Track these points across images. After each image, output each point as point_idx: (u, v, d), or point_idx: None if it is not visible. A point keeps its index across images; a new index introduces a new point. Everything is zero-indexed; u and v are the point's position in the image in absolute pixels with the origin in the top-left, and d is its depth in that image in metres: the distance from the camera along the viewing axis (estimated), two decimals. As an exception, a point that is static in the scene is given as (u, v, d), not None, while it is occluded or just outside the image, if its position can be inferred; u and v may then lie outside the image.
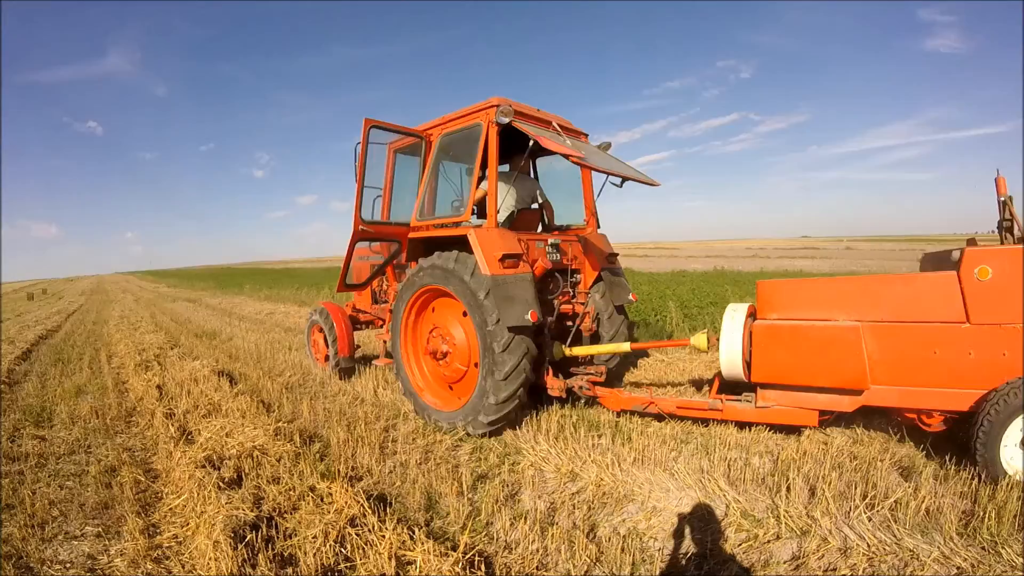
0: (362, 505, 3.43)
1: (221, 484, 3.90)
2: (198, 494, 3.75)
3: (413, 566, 2.88)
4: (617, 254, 6.46)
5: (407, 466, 4.42)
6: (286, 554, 3.12)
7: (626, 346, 5.56)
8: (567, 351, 5.60)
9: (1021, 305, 3.77)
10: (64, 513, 3.88)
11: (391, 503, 3.83)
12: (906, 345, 4.11)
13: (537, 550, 3.20)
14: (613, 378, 6.37)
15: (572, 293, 6.07)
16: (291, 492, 3.75)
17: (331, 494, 3.61)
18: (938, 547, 3.02)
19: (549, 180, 6.92)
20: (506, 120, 5.14)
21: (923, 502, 3.42)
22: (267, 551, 3.06)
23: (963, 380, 3.94)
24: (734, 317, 4.72)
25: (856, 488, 3.62)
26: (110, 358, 10.10)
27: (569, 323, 5.98)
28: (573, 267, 5.98)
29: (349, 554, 3.04)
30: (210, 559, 3.00)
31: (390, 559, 2.91)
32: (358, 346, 7.83)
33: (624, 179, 5.77)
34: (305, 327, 8.59)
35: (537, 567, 3.07)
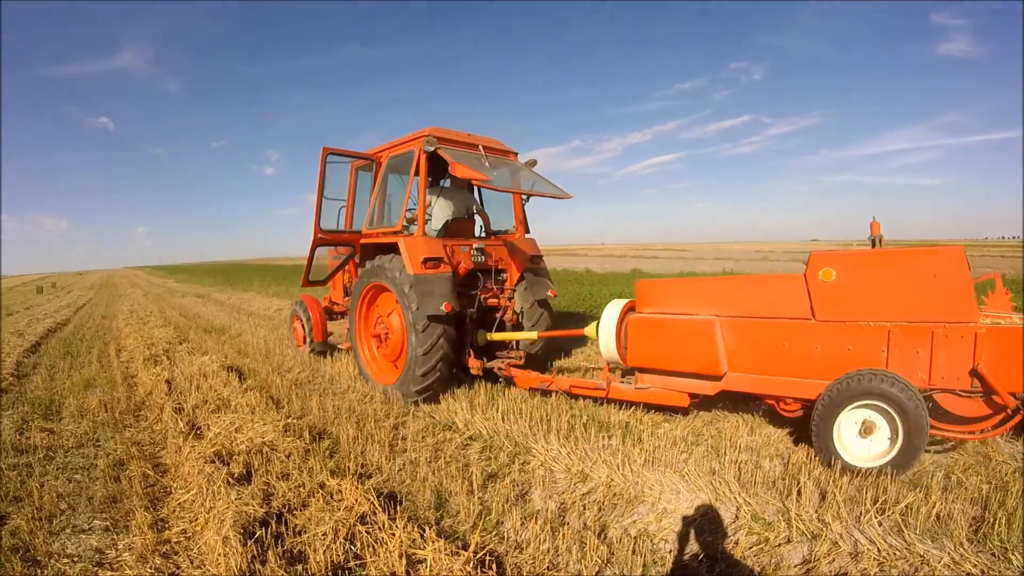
0: (372, 503, 3.41)
1: (230, 480, 3.88)
2: (207, 489, 3.74)
3: (423, 565, 2.85)
4: (541, 256, 7.44)
5: (417, 464, 4.41)
6: (295, 551, 3.10)
7: (533, 334, 6.58)
8: (489, 337, 6.72)
9: (862, 304, 4.25)
10: (72, 506, 3.88)
11: (401, 501, 3.81)
12: (759, 338, 4.65)
13: (548, 550, 3.18)
14: (539, 363, 7.32)
15: (500, 289, 7.04)
16: (301, 489, 3.74)
17: (341, 491, 3.59)
18: (948, 553, 3.00)
19: (493, 194, 7.80)
20: (431, 149, 6.16)
21: (933, 507, 3.40)
22: (276, 548, 3.05)
23: (810, 371, 4.42)
24: (612, 311, 5.50)
25: (867, 492, 3.60)
26: (119, 352, 10.13)
27: (497, 314, 6.99)
28: (499, 267, 6.96)
29: (359, 552, 3.03)
30: (219, 555, 2.99)
31: (400, 557, 2.89)
32: (330, 333, 9.03)
33: (529, 195, 7.00)
34: (288, 316, 10.03)
35: (548, 567, 3.05)
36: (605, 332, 5.42)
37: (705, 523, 3.44)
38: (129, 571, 3.06)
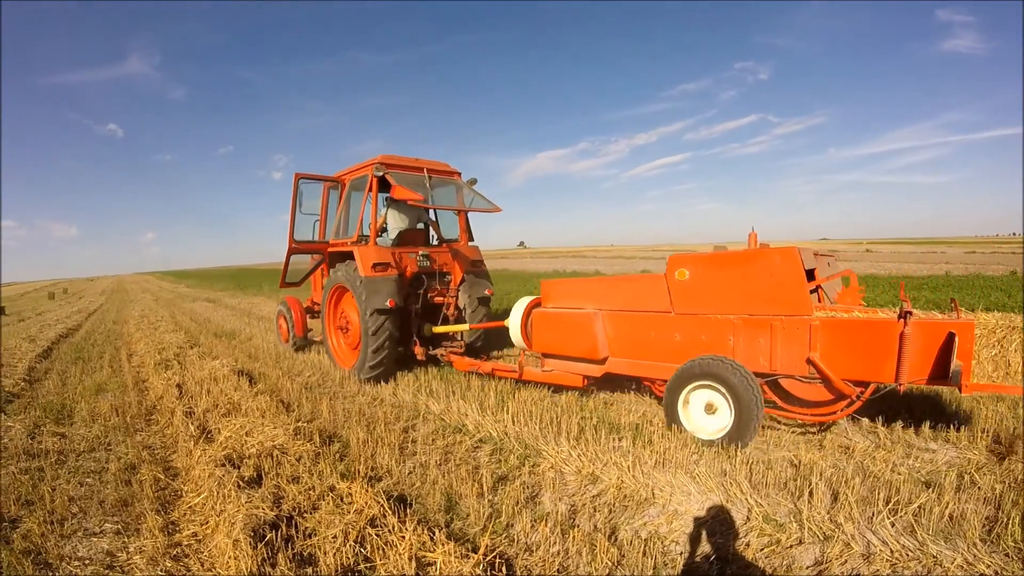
0: (382, 505, 3.40)
1: (241, 483, 3.88)
2: (218, 492, 3.74)
3: (433, 567, 2.84)
4: (482, 260, 8.58)
5: (427, 467, 4.40)
6: (306, 554, 3.10)
7: (466, 326, 7.80)
8: (434, 330, 7.87)
9: (711, 299, 4.92)
10: (83, 510, 3.90)
11: (411, 504, 3.80)
12: (631, 328, 5.49)
13: (558, 552, 3.16)
14: (478, 351, 8.25)
15: (445, 289, 8.23)
16: (311, 492, 3.73)
17: (351, 494, 3.59)
18: (961, 553, 2.98)
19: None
20: (380, 174, 7.42)
21: (946, 507, 3.38)
22: (287, 550, 3.05)
23: (672, 356, 5.13)
24: (518, 307, 6.54)
25: (879, 493, 3.57)
26: (130, 357, 10.18)
27: (442, 310, 8.19)
28: (443, 270, 8.18)
29: (369, 554, 3.02)
30: (229, 558, 2.99)
31: (410, 560, 2.88)
32: (310, 329, 10.37)
33: (459, 210, 8.58)
34: (275, 315, 11.73)
35: (558, 570, 3.04)
36: (512, 325, 6.51)
37: (716, 524, 3.41)
38: (140, 574, 3.07)
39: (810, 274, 4.94)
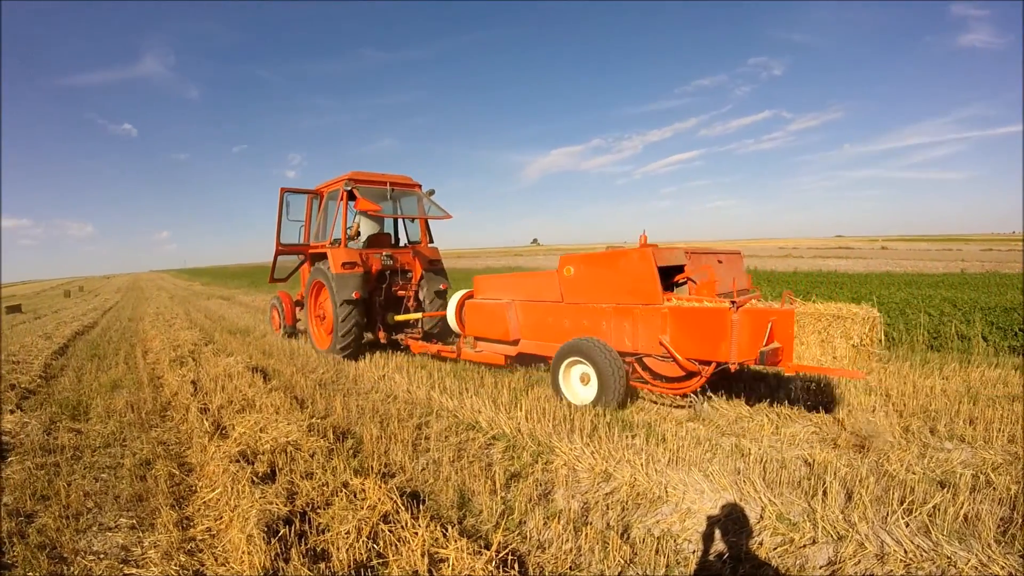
0: (395, 502, 3.40)
1: (255, 479, 3.90)
2: (232, 488, 3.76)
3: (446, 564, 2.84)
4: (440, 260, 10.00)
5: (440, 463, 4.40)
6: (319, 549, 3.10)
7: (419, 315, 9.20)
8: (396, 318, 9.21)
9: (589, 291, 5.93)
10: (99, 505, 3.93)
11: (424, 500, 3.79)
12: (535, 315, 6.62)
13: (570, 550, 3.14)
14: (436, 338, 9.33)
15: (407, 284, 9.59)
16: (324, 488, 3.74)
17: (364, 490, 3.59)
18: (976, 554, 2.94)
19: (412, 212, 10.32)
20: (348, 188, 8.86)
21: (961, 508, 3.34)
22: (300, 546, 3.05)
23: (563, 338, 6.06)
24: (454, 299, 7.89)
25: (893, 493, 3.53)
26: (145, 354, 10.28)
27: (404, 302, 9.61)
28: (405, 268, 9.56)
29: (382, 550, 3.02)
30: (243, 553, 3.00)
31: (423, 556, 2.88)
32: (298, 319, 11.54)
33: (415, 218, 10.14)
34: (268, 307, 13.54)
35: (570, 567, 3.02)
36: (449, 313, 7.93)
37: (729, 523, 3.38)
38: (154, 568, 3.08)
39: (680, 269, 5.88)
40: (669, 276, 5.88)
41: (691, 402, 5.55)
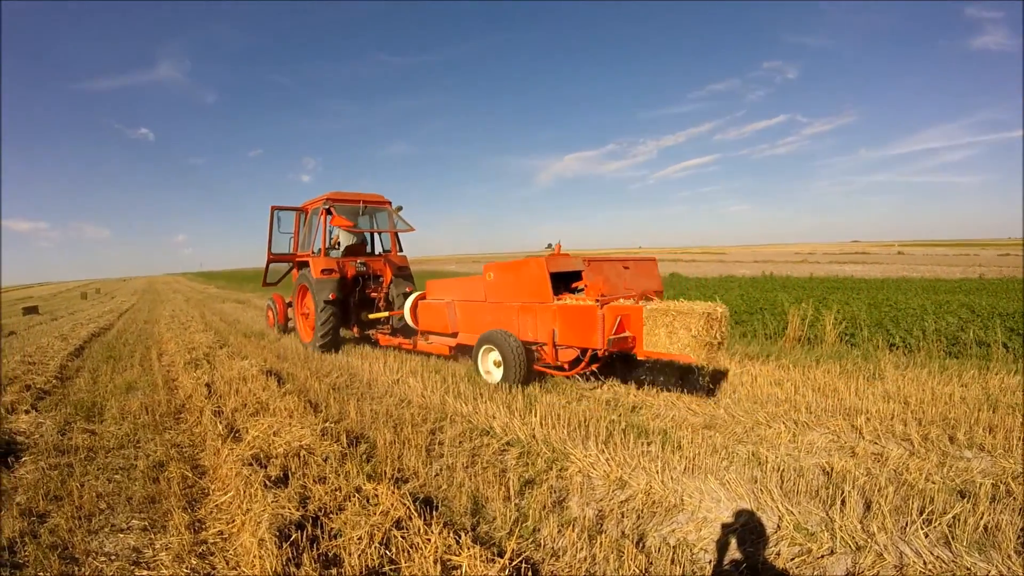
0: (408, 507, 3.38)
1: (267, 482, 3.89)
2: (244, 491, 3.75)
3: (459, 571, 2.81)
4: (408, 266, 11.50)
5: (453, 469, 4.36)
6: (331, 554, 3.08)
7: (384, 314, 10.39)
8: (370, 316, 10.52)
9: (504, 292, 7.07)
10: (111, 506, 3.93)
11: (437, 506, 3.76)
12: (467, 312, 7.85)
13: (585, 558, 3.11)
14: (403, 333, 10.35)
15: (378, 287, 10.96)
16: (337, 492, 3.73)
17: (377, 495, 3.57)
18: (996, 565, 2.89)
19: (384, 225, 11.69)
20: (327, 206, 10.34)
21: (981, 518, 3.28)
22: (312, 550, 3.04)
23: (485, 331, 7.23)
24: (410, 299, 9.20)
25: (912, 503, 3.47)
26: (160, 356, 10.35)
27: (376, 303, 10.92)
28: (377, 273, 11.00)
29: (394, 556, 2.99)
30: (254, 556, 2.98)
31: (435, 563, 2.85)
32: (289, 318, 13.05)
33: (381, 232, 11.66)
34: (264, 308, 16.21)
35: (585, 576, 2.98)
36: (405, 311, 9.22)
37: (746, 533, 3.33)
38: (165, 571, 3.08)
39: (577, 275, 6.86)
40: (571, 280, 6.94)
41: (577, 379, 6.97)
